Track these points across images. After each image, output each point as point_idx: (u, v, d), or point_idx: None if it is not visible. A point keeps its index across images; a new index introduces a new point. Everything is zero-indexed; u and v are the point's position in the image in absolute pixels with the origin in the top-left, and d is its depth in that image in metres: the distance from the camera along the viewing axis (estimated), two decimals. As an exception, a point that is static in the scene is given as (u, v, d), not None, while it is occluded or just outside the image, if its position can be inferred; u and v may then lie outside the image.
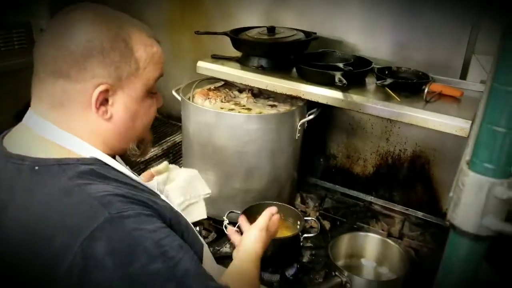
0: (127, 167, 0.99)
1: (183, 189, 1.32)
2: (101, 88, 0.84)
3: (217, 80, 1.98)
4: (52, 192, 0.79)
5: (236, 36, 1.86)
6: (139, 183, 0.92)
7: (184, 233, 0.92)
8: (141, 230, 0.76)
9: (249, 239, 1.16)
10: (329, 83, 1.62)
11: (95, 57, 0.82)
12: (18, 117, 0.96)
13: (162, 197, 0.98)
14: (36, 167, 0.82)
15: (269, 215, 1.26)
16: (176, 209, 0.98)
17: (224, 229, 1.63)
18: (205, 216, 1.36)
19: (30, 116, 0.89)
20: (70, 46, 0.82)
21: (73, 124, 0.86)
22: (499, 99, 0.48)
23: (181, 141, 1.97)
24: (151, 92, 0.93)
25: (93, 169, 0.83)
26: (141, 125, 0.95)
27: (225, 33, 1.87)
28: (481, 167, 0.49)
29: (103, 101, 0.86)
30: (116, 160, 0.96)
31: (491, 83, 0.49)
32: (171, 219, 0.89)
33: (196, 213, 1.34)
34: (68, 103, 0.85)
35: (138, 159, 1.09)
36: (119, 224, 0.75)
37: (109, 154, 0.91)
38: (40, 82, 0.86)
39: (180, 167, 1.93)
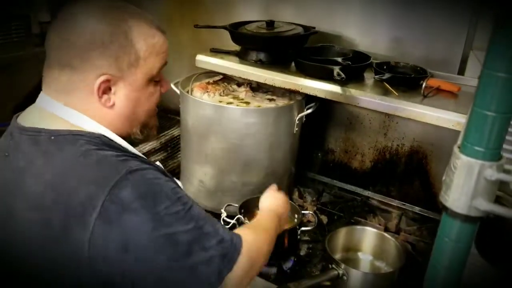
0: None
1: None
2: (102, 78, 0.89)
3: (216, 73, 1.99)
4: (70, 155, 0.85)
5: (235, 30, 1.87)
6: (144, 158, 0.99)
7: None
8: (159, 179, 0.86)
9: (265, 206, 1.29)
10: (328, 77, 1.63)
11: (96, 49, 0.88)
12: (16, 110, 1.02)
13: None
14: (52, 137, 0.88)
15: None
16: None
17: (222, 222, 1.65)
18: None
19: (42, 98, 0.96)
20: (72, 38, 0.88)
21: (80, 107, 0.92)
22: (489, 84, 0.49)
23: (179, 135, 1.98)
24: (154, 80, 0.98)
25: (104, 141, 0.91)
26: (143, 111, 1.00)
27: (224, 27, 1.88)
28: (472, 150, 0.50)
29: (106, 90, 0.91)
30: None
31: (481, 69, 0.50)
32: None
33: None
34: (74, 91, 0.91)
35: (142, 142, 1.15)
36: (140, 175, 0.84)
37: None
38: (49, 70, 0.93)
39: (178, 160, 1.95)
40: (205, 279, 0.84)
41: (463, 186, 0.51)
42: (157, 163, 1.31)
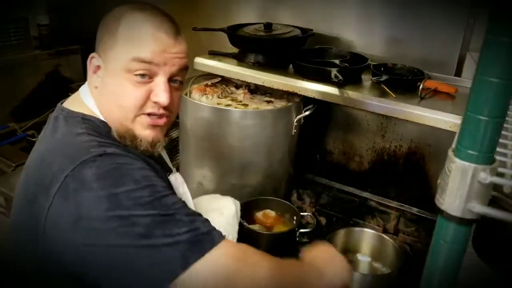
0: None
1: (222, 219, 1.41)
2: (92, 55, 1.00)
3: (214, 76, 1.99)
4: (66, 133, 0.93)
5: (233, 33, 1.88)
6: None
7: None
8: (131, 165, 0.86)
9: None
10: (325, 79, 1.63)
11: (99, 33, 1.00)
12: (15, 112, 1.10)
13: None
14: (67, 117, 0.98)
15: None
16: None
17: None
18: None
19: (84, 84, 1.07)
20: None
21: (89, 88, 1.03)
22: (482, 89, 0.49)
23: (178, 137, 1.98)
24: (136, 75, 0.95)
25: (104, 129, 0.98)
26: (113, 102, 0.98)
27: (222, 30, 1.89)
28: (466, 153, 0.51)
29: (97, 70, 1.00)
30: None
31: (474, 74, 0.51)
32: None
33: None
34: (88, 71, 1.02)
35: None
36: (111, 158, 0.85)
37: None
38: None
39: (177, 162, 1.96)
40: (166, 261, 0.79)
41: (458, 189, 0.52)
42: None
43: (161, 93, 0.96)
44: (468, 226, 0.53)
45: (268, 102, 1.87)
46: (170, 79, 0.99)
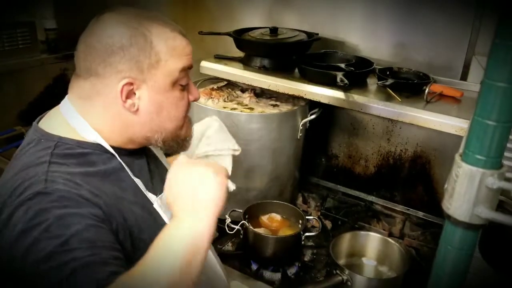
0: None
1: (208, 139, 1.30)
2: (124, 81, 0.90)
3: (220, 80, 2.00)
4: (29, 161, 0.87)
5: (239, 37, 1.88)
6: (125, 177, 0.95)
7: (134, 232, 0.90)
8: (59, 208, 0.78)
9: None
10: (331, 83, 1.64)
11: (117, 53, 0.89)
12: (22, 116, 1.03)
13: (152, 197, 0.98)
14: (42, 140, 0.91)
15: None
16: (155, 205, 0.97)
17: (226, 228, 1.65)
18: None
19: (64, 101, 0.98)
20: (95, 44, 0.90)
21: (93, 114, 0.94)
22: (490, 94, 0.49)
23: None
24: (180, 85, 0.96)
25: (80, 153, 0.91)
26: (168, 118, 0.97)
27: (228, 34, 1.89)
28: (473, 158, 0.51)
29: (129, 95, 0.92)
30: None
31: (482, 78, 0.51)
32: (133, 226, 0.89)
33: None
34: (95, 97, 0.93)
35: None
36: (46, 197, 0.79)
37: (130, 146, 0.99)
38: (76, 78, 0.96)
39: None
40: None
41: (465, 194, 0.52)
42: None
43: (195, 92, 1.02)
44: (475, 231, 0.53)
45: (274, 105, 1.87)
46: None
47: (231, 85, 2.02)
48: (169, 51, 0.92)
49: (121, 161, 0.96)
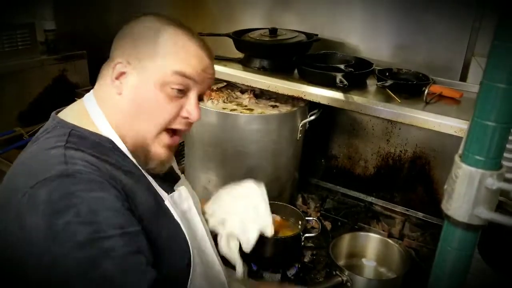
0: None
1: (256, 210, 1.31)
2: (119, 60, 0.95)
3: (219, 80, 2.00)
4: (45, 145, 0.89)
5: (239, 38, 1.88)
6: (137, 172, 0.96)
7: (156, 234, 0.91)
8: (87, 192, 0.79)
9: None
10: (331, 84, 1.64)
11: (127, 40, 0.96)
12: (22, 117, 1.05)
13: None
14: (56, 127, 0.94)
15: None
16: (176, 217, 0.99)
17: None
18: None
19: (89, 93, 1.02)
20: (119, 34, 0.99)
21: (102, 95, 0.98)
22: (489, 95, 0.50)
23: (183, 142, 1.99)
24: (173, 89, 0.94)
25: (93, 142, 0.92)
26: (145, 115, 0.95)
27: (227, 35, 1.90)
28: (473, 159, 0.51)
29: (120, 76, 0.95)
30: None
31: (481, 79, 0.51)
32: (144, 214, 0.90)
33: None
34: (102, 77, 0.99)
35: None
36: (70, 180, 0.80)
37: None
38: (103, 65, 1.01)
39: (182, 167, 1.96)
40: None
41: (465, 195, 0.52)
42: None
43: (194, 110, 0.98)
44: (475, 232, 0.53)
45: (273, 107, 1.87)
46: (198, 97, 1.01)
47: (230, 86, 2.02)
48: (172, 50, 0.94)
49: (132, 157, 0.97)
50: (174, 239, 0.96)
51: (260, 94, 1.97)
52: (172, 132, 1.00)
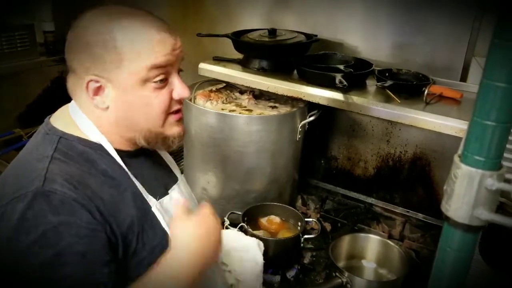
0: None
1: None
2: (88, 78, 0.89)
3: (218, 81, 2.00)
4: (34, 154, 0.90)
5: (238, 38, 1.88)
6: (124, 179, 0.94)
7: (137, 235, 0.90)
8: (55, 215, 0.79)
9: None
10: (330, 84, 1.63)
11: (84, 50, 0.89)
12: (21, 118, 1.04)
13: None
14: (47, 134, 0.93)
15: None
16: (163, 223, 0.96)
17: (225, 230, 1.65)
18: None
19: (71, 103, 0.99)
20: (71, 39, 0.92)
21: (87, 108, 0.94)
22: (489, 94, 0.49)
23: (182, 143, 1.98)
24: (155, 82, 0.91)
25: (82, 151, 0.91)
26: (140, 116, 0.94)
27: (226, 36, 1.89)
28: (472, 159, 0.50)
29: (97, 91, 0.91)
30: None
31: (481, 78, 0.50)
32: (128, 228, 0.89)
33: None
34: (77, 93, 0.94)
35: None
36: (44, 199, 0.80)
37: (130, 148, 0.98)
38: (68, 75, 0.97)
39: (181, 168, 1.95)
40: None
41: (464, 195, 0.51)
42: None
43: (183, 89, 0.96)
44: (475, 233, 0.53)
45: (273, 107, 1.87)
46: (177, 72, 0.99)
47: (229, 87, 2.02)
48: (135, 49, 0.88)
49: (121, 162, 0.95)
50: (159, 250, 0.92)
51: (260, 95, 1.97)
52: (174, 111, 0.99)
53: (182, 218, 0.90)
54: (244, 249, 1.39)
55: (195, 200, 1.21)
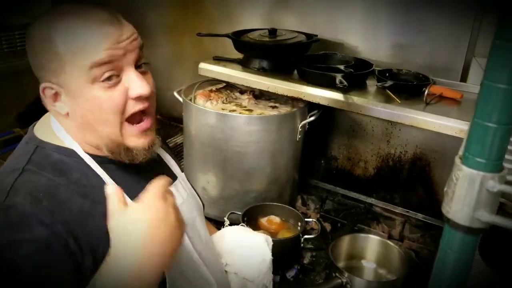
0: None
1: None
2: (44, 85, 0.88)
3: (218, 81, 1.99)
4: (10, 164, 0.90)
5: (238, 38, 1.88)
6: (101, 187, 0.85)
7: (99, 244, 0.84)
8: (12, 232, 0.78)
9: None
10: (330, 85, 1.63)
11: (34, 60, 0.88)
12: (20, 118, 1.02)
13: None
14: (27, 142, 0.93)
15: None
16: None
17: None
18: None
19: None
20: (26, 51, 0.90)
21: (55, 116, 0.94)
22: (490, 96, 0.48)
23: (182, 143, 1.98)
24: (102, 81, 0.85)
25: (56, 161, 0.90)
26: (96, 120, 0.88)
27: (227, 35, 1.89)
28: (473, 161, 0.50)
29: (55, 98, 0.89)
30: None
31: (482, 80, 0.50)
32: (100, 241, 0.83)
33: None
34: (44, 101, 0.92)
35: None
36: (1, 213, 0.80)
37: (107, 154, 0.93)
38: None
39: (182, 168, 1.95)
40: None
41: (465, 197, 0.51)
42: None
43: (138, 86, 0.88)
44: (475, 235, 0.52)
45: (273, 107, 1.87)
46: (136, 66, 0.90)
47: (230, 86, 2.02)
48: (71, 50, 0.83)
49: (99, 169, 0.91)
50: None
51: (260, 95, 1.97)
52: (135, 119, 0.92)
53: (119, 207, 0.78)
54: (250, 246, 1.33)
55: (197, 199, 1.20)
